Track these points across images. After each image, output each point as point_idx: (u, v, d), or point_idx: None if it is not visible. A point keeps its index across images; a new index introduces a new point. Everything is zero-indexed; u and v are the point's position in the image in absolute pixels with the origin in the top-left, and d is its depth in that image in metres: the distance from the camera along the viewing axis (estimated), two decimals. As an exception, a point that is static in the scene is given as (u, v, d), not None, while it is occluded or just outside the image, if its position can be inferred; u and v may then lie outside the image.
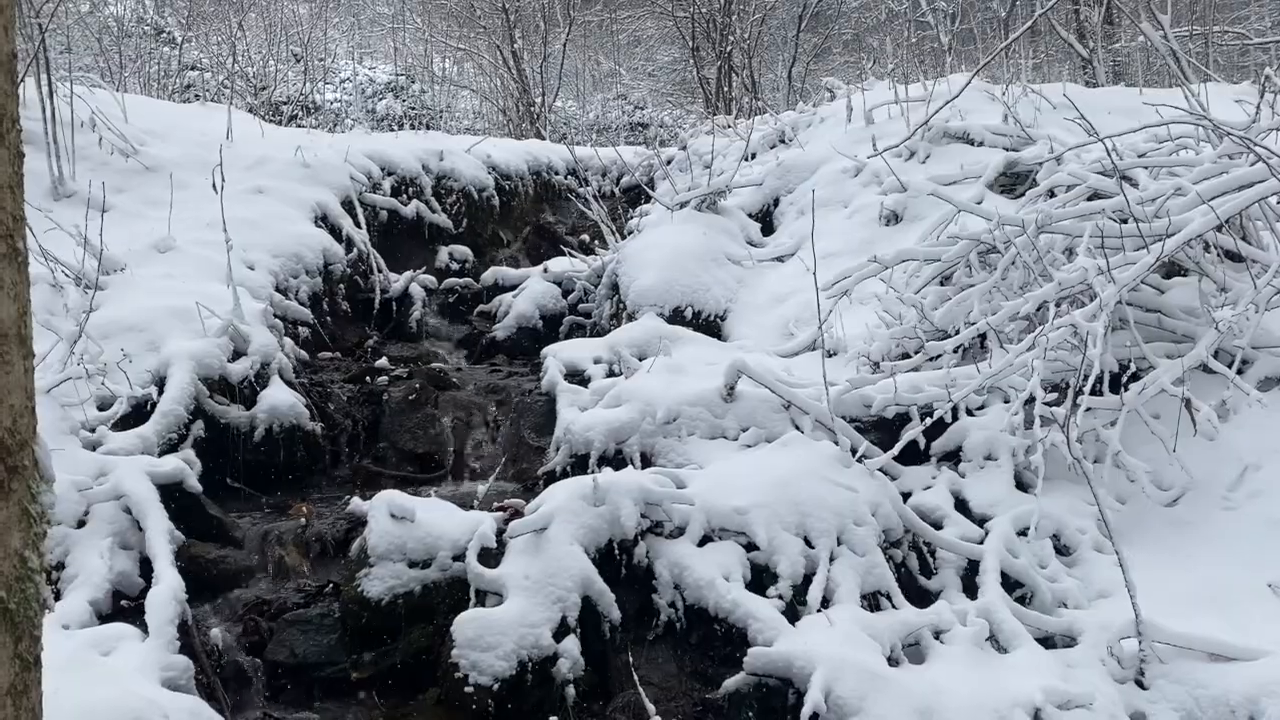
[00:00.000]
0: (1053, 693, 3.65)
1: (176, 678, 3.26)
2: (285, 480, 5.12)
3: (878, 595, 4.10)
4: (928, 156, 7.39)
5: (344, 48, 24.73)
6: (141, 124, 7.65)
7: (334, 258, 7.02)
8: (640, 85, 22.65)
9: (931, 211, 6.65)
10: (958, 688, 3.61)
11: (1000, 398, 5.10)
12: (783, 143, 8.95)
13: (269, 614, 3.90)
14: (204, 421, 4.96)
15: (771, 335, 6.32)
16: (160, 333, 5.19)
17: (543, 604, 3.63)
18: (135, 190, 6.89)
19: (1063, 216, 5.49)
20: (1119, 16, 13.57)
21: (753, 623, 3.75)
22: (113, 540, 3.93)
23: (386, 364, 6.22)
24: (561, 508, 3.93)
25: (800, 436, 4.63)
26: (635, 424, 4.95)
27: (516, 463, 5.30)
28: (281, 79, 20.48)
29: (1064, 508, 4.69)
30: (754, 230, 7.48)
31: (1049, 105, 7.87)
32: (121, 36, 20.04)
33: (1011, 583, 4.30)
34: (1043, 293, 5.01)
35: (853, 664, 3.53)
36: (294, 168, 7.56)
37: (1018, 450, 4.86)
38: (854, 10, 21.46)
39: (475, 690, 3.45)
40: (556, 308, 7.46)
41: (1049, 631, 4.11)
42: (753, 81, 16.87)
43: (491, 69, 19.02)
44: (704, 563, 3.96)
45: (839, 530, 4.17)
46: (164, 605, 3.49)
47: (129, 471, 4.12)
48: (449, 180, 8.96)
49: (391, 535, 3.83)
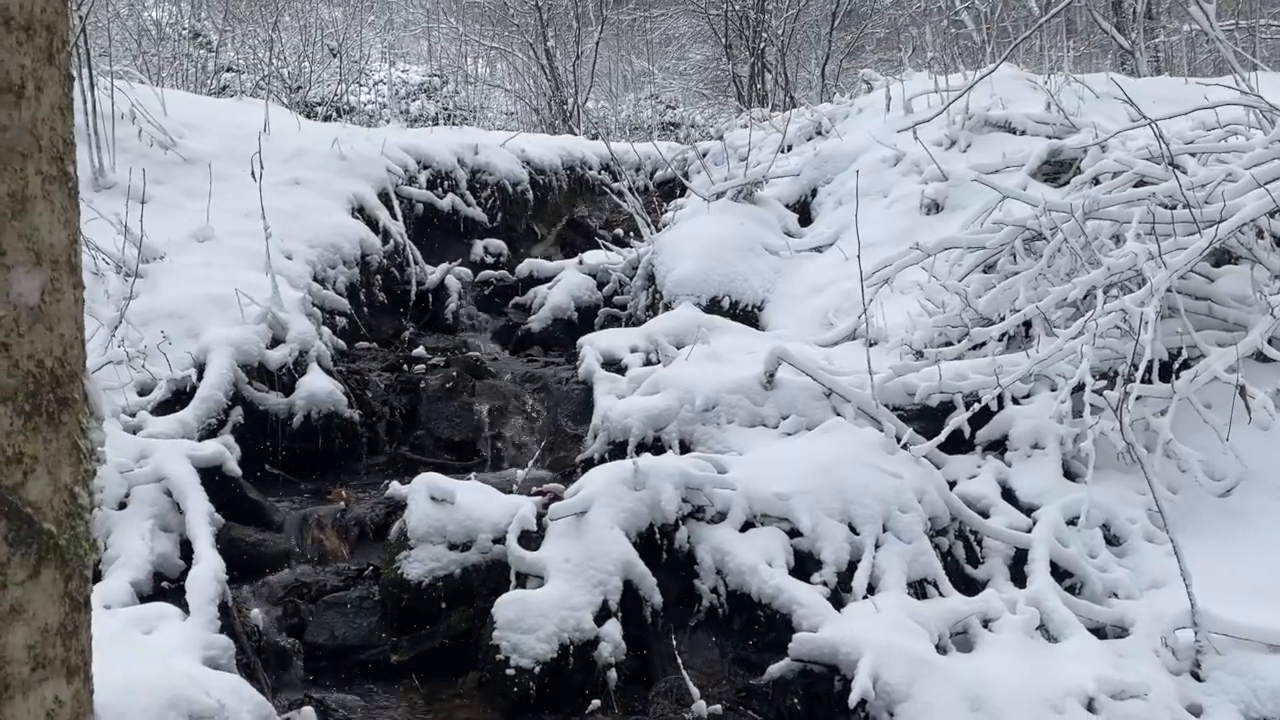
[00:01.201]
0: (1106, 682, 3.56)
1: (217, 657, 3.24)
2: (323, 467, 5.11)
3: (924, 583, 4.02)
4: (969, 145, 7.29)
5: (377, 49, 24.90)
6: (180, 117, 7.70)
7: (371, 249, 7.02)
8: (672, 84, 22.61)
9: (973, 200, 6.55)
10: (1008, 676, 3.53)
11: (1047, 386, 4.99)
12: (819, 134, 8.88)
13: (308, 596, 3.88)
14: (243, 408, 4.96)
15: (810, 325, 6.25)
16: (199, 320, 5.21)
17: (584, 587, 3.59)
18: (174, 182, 6.92)
19: (1110, 202, 5.38)
20: (1159, 10, 13.37)
21: (797, 609, 3.68)
22: (153, 522, 3.92)
23: (423, 353, 6.20)
24: (602, 491, 3.88)
25: (843, 422, 4.56)
26: (674, 411, 4.90)
27: (554, 450, 5.27)
28: (316, 80, 20.64)
29: (1113, 497, 4.59)
30: (791, 221, 7.41)
31: (1092, 94, 7.75)
32: (159, 40, 20.29)
33: (1061, 572, 4.20)
34: (1091, 278, 4.90)
35: (900, 651, 3.45)
36: (331, 160, 7.58)
37: (1065, 439, 4.75)
38: (888, 7, 21.32)
39: (516, 673, 3.40)
40: (591, 299, 7.42)
41: (1100, 622, 4.01)
42: (786, 79, 16.78)
43: (524, 68, 19.05)
44: (746, 548, 3.90)
45: (884, 517, 4.09)
46: (205, 585, 3.48)
47: (170, 454, 4.12)
48: (484, 174, 8.95)
49: (431, 517, 3.80)
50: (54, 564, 1.11)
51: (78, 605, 1.15)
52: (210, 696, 2.91)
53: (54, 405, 1.10)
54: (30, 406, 1.08)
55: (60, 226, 1.11)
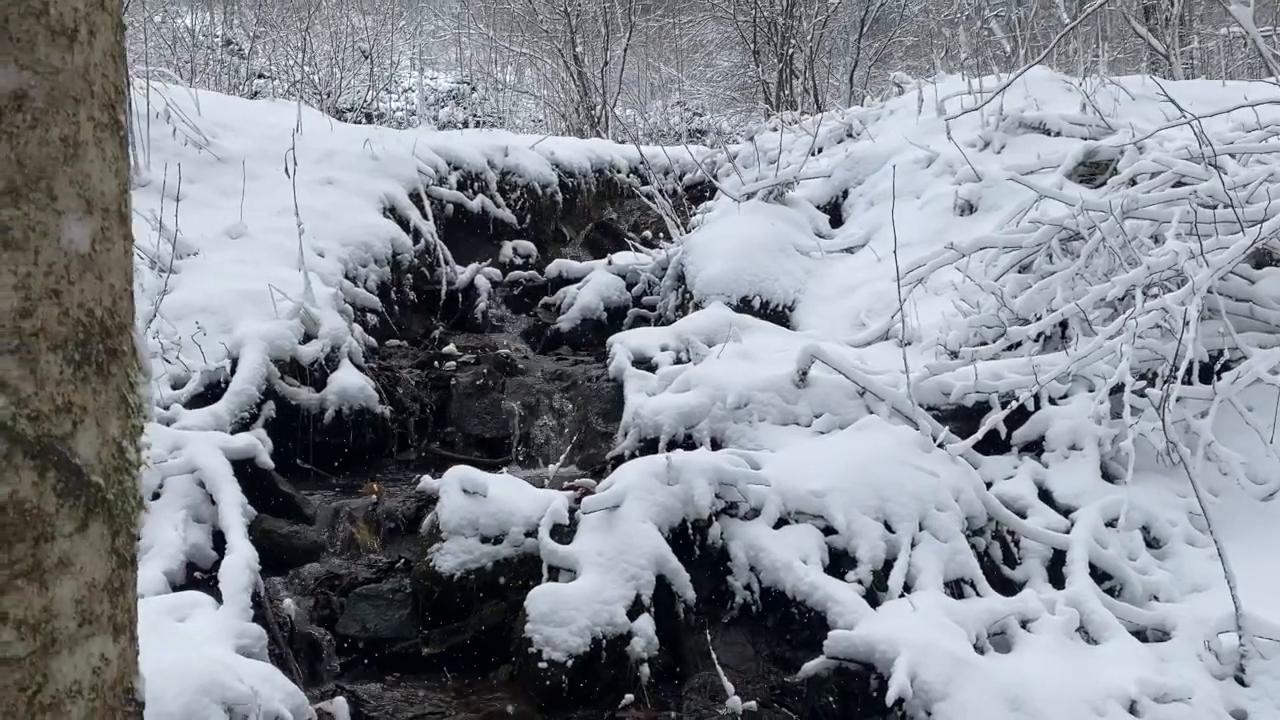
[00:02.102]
0: (1148, 685, 3.49)
1: (250, 645, 3.23)
2: (354, 462, 5.11)
3: (961, 583, 3.96)
4: (1003, 147, 7.21)
5: (407, 55, 25.07)
6: (214, 117, 7.75)
7: (402, 248, 7.03)
8: (699, 91, 22.60)
9: (1007, 201, 6.48)
10: (1047, 677, 3.46)
11: (1084, 386, 4.92)
12: (850, 137, 8.82)
13: (340, 588, 3.87)
14: (275, 402, 4.96)
15: (842, 326, 6.20)
16: (232, 315, 5.22)
17: (616, 581, 3.55)
18: (207, 180, 6.96)
19: (1149, 201, 5.30)
20: (1191, 17, 13.23)
21: (832, 606, 3.63)
22: (186, 513, 3.93)
23: (454, 350, 6.20)
24: (634, 485, 3.85)
25: (878, 420, 4.50)
26: (705, 409, 4.86)
27: (584, 448, 5.24)
28: (346, 86, 20.79)
29: (1153, 499, 4.51)
30: (822, 222, 7.36)
31: (1128, 96, 7.66)
32: (193, 46, 20.53)
33: (1100, 574, 4.13)
34: (1131, 277, 4.83)
35: (938, 649, 3.40)
36: (363, 160, 7.60)
37: (1104, 440, 4.68)
38: (916, 15, 21.22)
39: (548, 666, 3.37)
40: (621, 300, 7.39)
41: (1140, 625, 3.94)
42: (814, 85, 16.73)
43: (553, 74, 19.11)
44: (781, 545, 3.86)
45: (920, 515, 4.03)
46: (238, 574, 3.47)
47: (203, 446, 4.13)
48: (513, 176, 8.95)
49: (463, 510, 3.78)
50: (102, 518, 1.09)
51: (125, 562, 1.14)
52: (244, 684, 2.90)
53: (103, 356, 1.09)
54: (80, 356, 1.06)
55: (111, 175, 1.10)
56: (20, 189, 1.01)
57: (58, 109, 1.03)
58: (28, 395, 1.02)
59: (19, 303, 1.01)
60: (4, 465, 1.00)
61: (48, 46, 1.03)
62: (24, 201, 1.01)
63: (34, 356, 1.02)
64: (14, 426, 1.01)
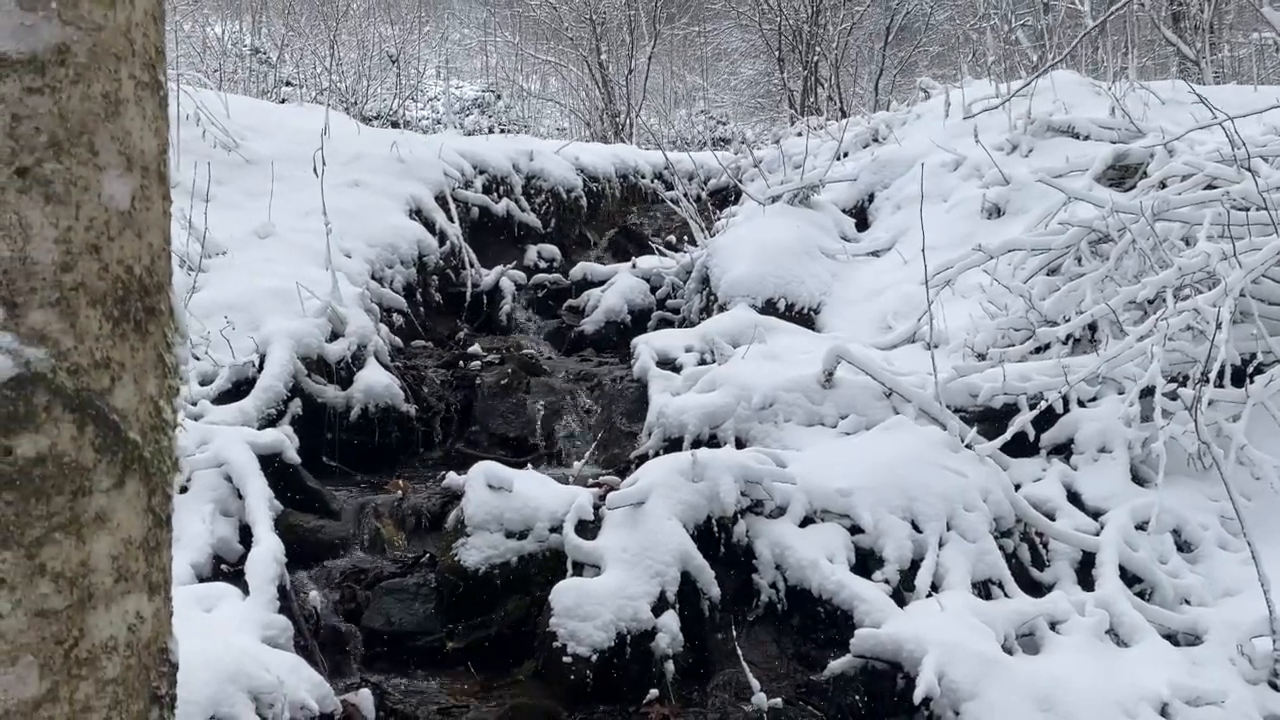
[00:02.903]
0: (1180, 687, 3.44)
1: (276, 636, 3.23)
2: (379, 460, 5.13)
3: (989, 583, 3.92)
4: (1030, 150, 7.17)
5: (433, 64, 25.25)
6: (242, 121, 7.82)
7: (428, 249, 7.06)
8: (723, 99, 22.62)
9: (1035, 205, 6.44)
10: (1077, 678, 3.42)
11: (1114, 389, 4.87)
12: (876, 141, 8.79)
13: (365, 582, 3.87)
14: (301, 400, 4.98)
15: (867, 329, 6.17)
16: (260, 313, 5.25)
17: (641, 577, 3.54)
18: (236, 182, 7.02)
19: (1181, 203, 5.24)
20: (1220, 25, 13.12)
21: (859, 604, 3.60)
22: (213, 506, 3.94)
23: (479, 350, 6.21)
24: (659, 482, 3.84)
25: (905, 420, 4.47)
26: (730, 409, 4.84)
27: (608, 448, 5.23)
28: (372, 94, 20.95)
29: (1185, 502, 4.45)
30: (848, 225, 7.33)
31: (1157, 100, 7.60)
32: (222, 54, 20.76)
33: (1130, 577, 4.07)
34: (1162, 278, 4.78)
35: (966, 649, 3.36)
36: (389, 163, 7.65)
37: (1134, 442, 4.62)
38: (941, 23, 21.16)
39: (573, 661, 3.36)
40: (645, 303, 7.39)
41: (1172, 628, 3.88)
42: (839, 93, 16.70)
43: (577, 82, 19.18)
44: (806, 543, 3.83)
45: (948, 515, 4.00)
46: (264, 565, 3.48)
47: (230, 440, 4.15)
48: (538, 180, 8.99)
49: (489, 505, 3.78)
50: (138, 475, 1.09)
51: (160, 521, 1.14)
52: (270, 673, 2.90)
53: (141, 314, 1.09)
54: (119, 313, 1.06)
55: (151, 134, 1.10)
56: (62, 143, 1.01)
57: (100, 65, 1.04)
58: (68, 349, 1.02)
59: (60, 256, 1.02)
60: (44, 417, 1.01)
61: (91, 2, 1.03)
62: (65, 156, 1.02)
63: (74, 311, 1.02)
64: (54, 379, 1.01)
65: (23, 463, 1.00)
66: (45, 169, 1.01)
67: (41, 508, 1.01)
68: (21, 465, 1.00)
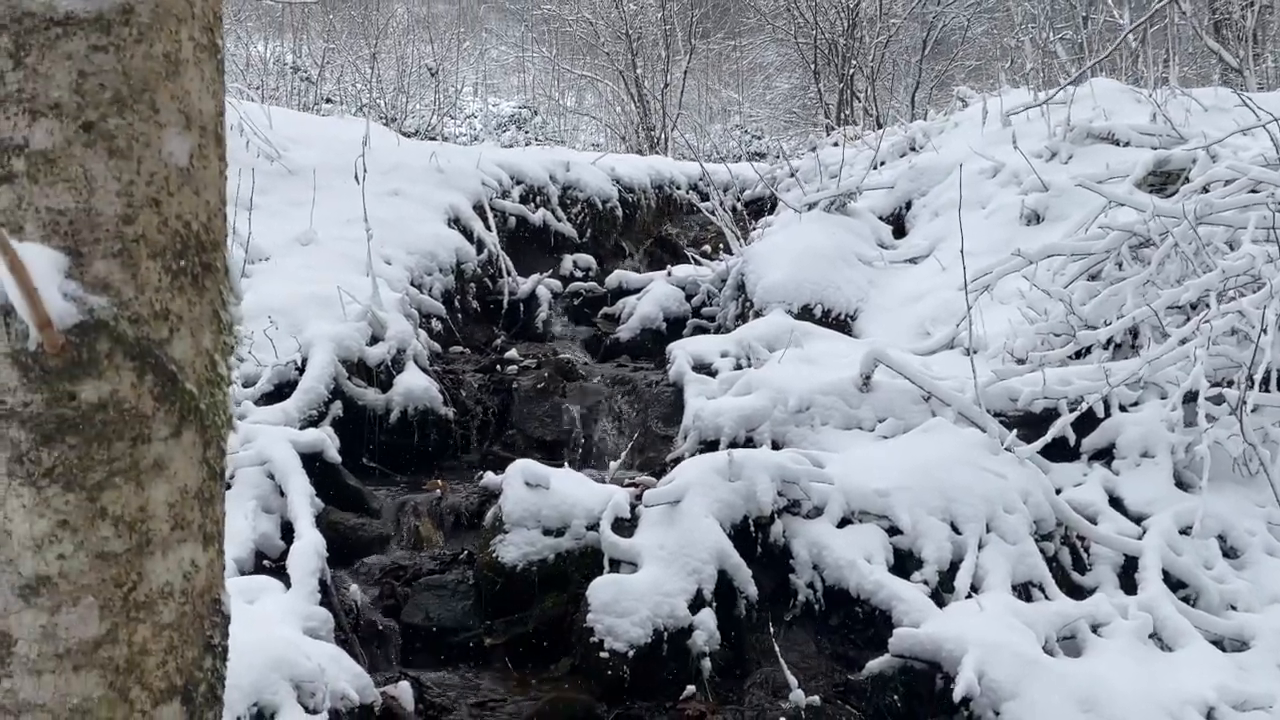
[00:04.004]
0: (1227, 691, 3.38)
1: (317, 628, 3.27)
2: (418, 463, 5.17)
3: (1029, 586, 3.88)
4: (1070, 157, 7.11)
5: (470, 82, 25.54)
6: (285, 132, 7.94)
7: (466, 257, 7.13)
8: (759, 114, 22.65)
9: (1074, 211, 6.38)
10: (1120, 681, 3.37)
11: (1156, 394, 4.81)
12: (913, 150, 8.76)
13: (405, 579, 3.90)
14: (342, 402, 5.04)
15: (905, 335, 6.13)
16: (302, 317, 5.32)
17: (678, 574, 3.54)
18: (278, 191, 7.13)
19: (1224, 206, 5.18)
20: (1265, 36, 12.96)
21: (898, 604, 3.58)
22: (256, 503, 4.00)
23: (515, 355, 6.25)
24: (696, 481, 3.84)
25: (944, 422, 4.44)
26: (766, 411, 4.83)
27: (643, 451, 5.24)
28: (411, 111, 21.22)
29: (1230, 508, 4.39)
30: (885, 233, 7.31)
31: (1200, 107, 7.52)
32: (264, 73, 21.14)
33: (1174, 582, 4.02)
34: (1205, 280, 4.73)
35: (1007, 649, 3.33)
36: (428, 173, 7.73)
37: (1177, 447, 4.56)
38: (979, 36, 21.08)
39: (610, 656, 3.36)
40: (680, 310, 7.40)
41: (1218, 634, 3.82)
42: (875, 106, 16.66)
43: (613, 97, 19.30)
44: (844, 543, 3.81)
45: (988, 517, 3.96)
46: (306, 558, 3.52)
47: (273, 438, 4.21)
48: (574, 190, 9.04)
49: (526, 502, 3.80)
50: (195, 426, 1.12)
51: (215, 474, 1.17)
52: (311, 661, 2.94)
53: (199, 269, 1.12)
54: (177, 266, 1.10)
55: (209, 96, 1.14)
56: (125, 100, 1.05)
57: (161, 25, 1.07)
58: (129, 298, 1.06)
59: (122, 208, 1.05)
60: (106, 364, 1.04)
61: (154, -35, 1.07)
62: (128, 112, 1.05)
63: (135, 262, 1.06)
64: (115, 327, 1.04)
65: (86, 408, 1.03)
66: (109, 124, 1.04)
67: (103, 452, 1.04)
68: (85, 410, 1.03)
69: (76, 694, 1.04)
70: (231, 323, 1.19)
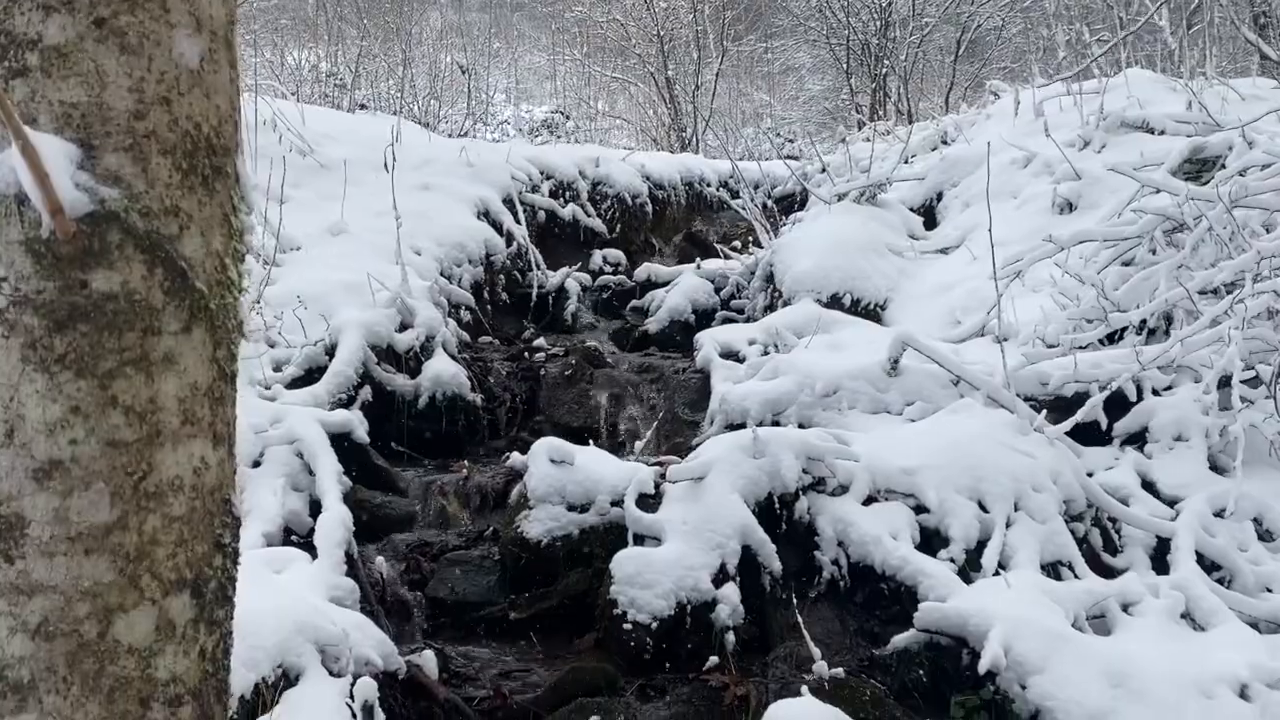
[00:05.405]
0: (1261, 669, 3.32)
1: (343, 598, 3.30)
2: (445, 447, 5.20)
3: (1058, 565, 3.83)
4: (1103, 146, 7.03)
5: (501, 89, 25.70)
6: (317, 128, 8.03)
7: (495, 249, 7.17)
8: (790, 115, 22.59)
9: (1107, 200, 6.31)
10: (1151, 658, 3.32)
11: (1190, 377, 4.74)
12: (944, 144, 8.71)
13: (430, 555, 3.93)
14: (371, 387, 5.08)
15: (935, 324, 6.08)
16: (332, 303, 5.38)
17: (701, 548, 3.53)
18: (310, 185, 7.21)
19: (1260, 189, 5.10)
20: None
21: (924, 580, 3.55)
22: (285, 480, 4.04)
23: (543, 343, 6.28)
24: (720, 458, 3.84)
25: (972, 403, 4.41)
26: (793, 395, 4.82)
27: (669, 436, 5.24)
28: (444, 117, 21.37)
29: (1266, 490, 4.31)
30: (915, 224, 7.27)
31: (1237, 96, 7.41)
32: (299, 80, 21.40)
33: (1208, 564, 3.96)
34: (1239, 262, 4.66)
35: (1034, 623, 3.29)
36: (459, 167, 7.80)
37: (1211, 431, 4.50)
38: (1014, 36, 20.91)
39: (633, 628, 3.36)
40: (709, 303, 7.39)
41: (1253, 616, 3.75)
42: (908, 106, 16.58)
43: (645, 99, 19.33)
44: (870, 520, 3.79)
45: (1016, 496, 3.92)
46: (333, 530, 3.56)
47: (302, 418, 4.25)
48: (604, 186, 9.07)
49: (551, 478, 3.81)
50: (204, 325, 1.14)
51: (225, 375, 1.18)
52: (336, 625, 2.96)
53: (209, 170, 1.14)
54: (187, 165, 1.12)
55: (219, 2, 1.16)
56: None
57: (172, -72, 1.10)
58: (139, 192, 1.08)
59: (133, 104, 1.07)
60: (116, 255, 1.06)
61: None
62: (139, 9, 1.07)
63: (145, 156, 1.08)
64: (126, 219, 1.06)
65: (97, 296, 1.06)
66: (120, 20, 1.07)
67: (113, 341, 1.06)
68: (96, 299, 1.06)
69: (88, 577, 1.06)
70: (242, 230, 1.20)
